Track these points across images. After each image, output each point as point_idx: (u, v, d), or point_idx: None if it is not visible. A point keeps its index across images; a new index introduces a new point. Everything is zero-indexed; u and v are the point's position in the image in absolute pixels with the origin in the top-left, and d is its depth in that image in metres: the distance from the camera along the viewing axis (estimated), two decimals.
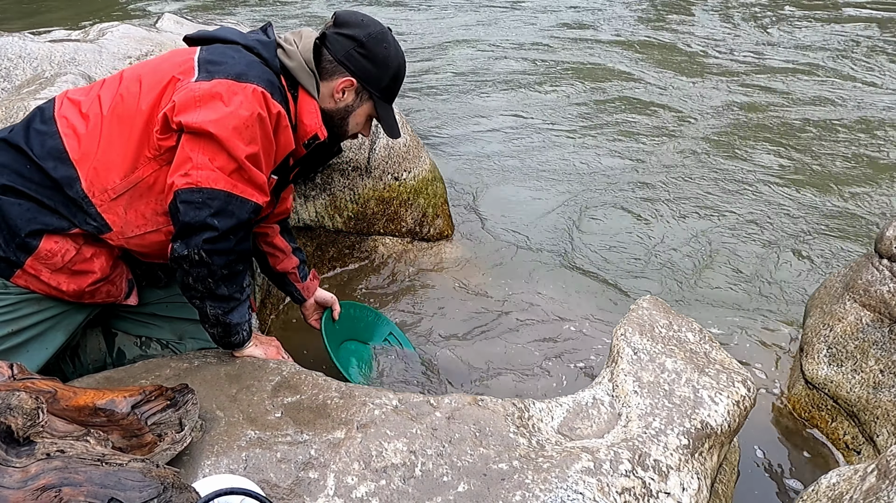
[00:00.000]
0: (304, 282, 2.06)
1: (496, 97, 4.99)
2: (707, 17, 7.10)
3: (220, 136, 1.44)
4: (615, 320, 2.57)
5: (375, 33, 1.69)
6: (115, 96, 1.55)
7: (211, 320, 1.61)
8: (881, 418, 2.00)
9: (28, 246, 1.51)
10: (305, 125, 1.65)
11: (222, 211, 1.47)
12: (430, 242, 3.04)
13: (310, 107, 1.66)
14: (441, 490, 1.27)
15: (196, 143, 1.45)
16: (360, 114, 1.77)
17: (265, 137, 1.53)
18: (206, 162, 1.45)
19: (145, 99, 1.52)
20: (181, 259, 1.49)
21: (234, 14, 7.09)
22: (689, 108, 4.82)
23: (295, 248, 2.03)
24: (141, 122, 1.51)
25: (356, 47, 1.67)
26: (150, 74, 1.56)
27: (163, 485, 1.01)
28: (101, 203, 1.53)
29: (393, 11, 7.26)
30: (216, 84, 1.47)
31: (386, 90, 1.75)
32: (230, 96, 1.46)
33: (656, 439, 1.40)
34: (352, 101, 1.73)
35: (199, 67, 1.52)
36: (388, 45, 1.72)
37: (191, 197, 1.45)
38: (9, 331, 1.57)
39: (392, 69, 1.73)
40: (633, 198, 3.62)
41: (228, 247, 1.50)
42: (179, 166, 1.47)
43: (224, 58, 1.54)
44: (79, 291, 1.60)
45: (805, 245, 3.22)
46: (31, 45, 2.74)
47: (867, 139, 4.32)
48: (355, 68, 1.68)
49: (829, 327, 2.19)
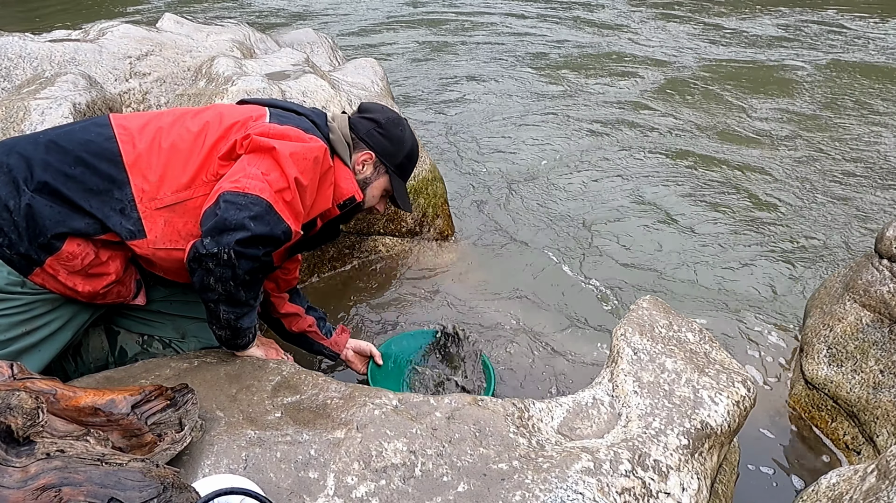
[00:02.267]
0: (329, 338, 2.10)
1: (497, 98, 4.99)
2: (707, 18, 7.10)
3: (280, 152, 1.56)
4: (615, 320, 2.58)
5: (393, 118, 1.93)
6: (184, 122, 1.67)
7: (222, 323, 1.63)
8: (881, 418, 2.00)
9: (51, 246, 1.54)
10: (342, 188, 1.79)
11: (260, 217, 1.51)
12: (430, 242, 3.04)
13: (345, 173, 1.81)
14: (441, 490, 1.27)
15: (255, 157, 1.56)
16: (377, 187, 1.93)
17: (314, 178, 1.66)
18: (258, 174, 1.54)
19: (214, 128, 1.65)
20: (208, 257, 1.50)
21: (231, 14, 7.09)
22: (689, 108, 4.82)
23: (308, 307, 2.09)
24: (207, 148, 1.62)
25: (376, 127, 1.89)
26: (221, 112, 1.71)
27: (163, 485, 1.01)
28: (145, 209, 1.58)
29: (398, 8, 7.26)
30: (288, 129, 1.65)
31: (401, 167, 1.94)
32: (299, 138, 1.64)
33: (656, 439, 1.40)
34: (370, 174, 1.90)
35: (271, 116, 1.70)
36: (404, 129, 1.93)
37: (235, 198, 1.50)
38: (23, 331, 1.60)
39: (406, 148, 1.93)
40: (634, 198, 3.62)
41: (256, 254, 1.52)
42: (231, 175, 1.55)
43: (292, 117, 1.74)
44: (93, 293, 1.63)
45: (805, 245, 3.22)
46: (31, 45, 2.74)
47: (867, 139, 4.32)
48: (375, 144, 1.88)
49: (829, 327, 2.19)
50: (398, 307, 2.68)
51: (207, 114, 1.70)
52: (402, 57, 5.97)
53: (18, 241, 1.53)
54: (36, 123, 2.15)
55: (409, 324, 2.58)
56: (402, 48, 6.22)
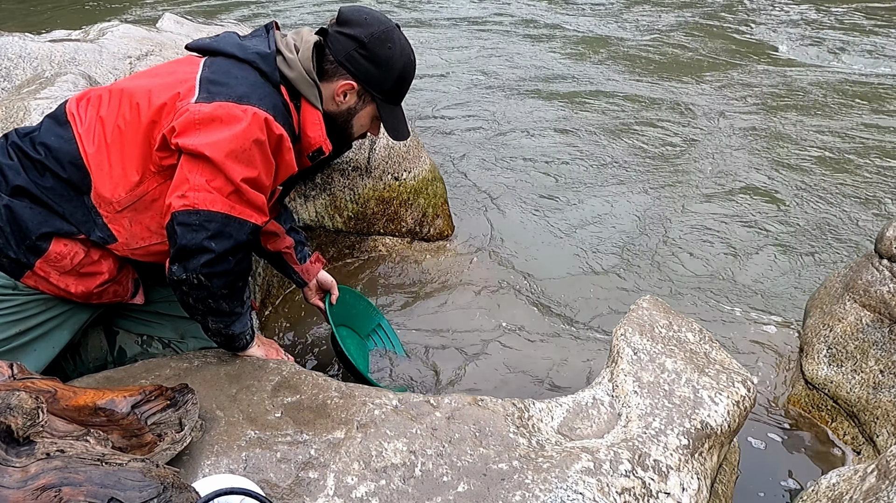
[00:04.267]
0: (302, 264, 1.99)
1: (498, 99, 4.99)
2: (707, 21, 7.10)
3: (215, 159, 1.42)
4: (615, 320, 2.57)
5: (378, 33, 1.61)
6: (121, 108, 1.53)
7: (213, 332, 1.62)
8: (881, 418, 2.00)
9: (38, 248, 1.52)
10: (310, 137, 1.62)
11: (220, 233, 1.45)
12: (430, 242, 3.04)
13: (313, 118, 1.61)
14: (441, 490, 1.27)
15: (194, 164, 1.44)
16: (364, 116, 1.72)
17: (265, 161, 1.49)
18: (203, 183, 1.43)
19: (145, 114, 1.50)
20: (179, 282, 1.48)
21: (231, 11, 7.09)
22: (689, 108, 4.82)
23: (290, 229, 1.96)
24: (141, 139, 1.50)
25: (357, 48, 1.60)
26: (154, 88, 1.53)
27: (163, 485, 1.01)
28: (107, 214, 1.54)
29: (396, 10, 7.26)
30: (216, 107, 1.44)
31: (390, 92, 1.68)
32: (230, 120, 1.44)
33: (656, 439, 1.40)
34: (354, 104, 1.68)
35: (200, 87, 1.48)
36: (393, 45, 1.63)
37: (188, 219, 1.43)
38: (17, 331, 1.59)
39: (396, 70, 1.65)
40: (635, 199, 3.62)
41: (227, 268, 1.49)
42: (177, 187, 1.45)
43: (227, 77, 1.50)
44: (87, 293, 1.61)
45: (805, 245, 3.22)
46: (31, 45, 2.74)
47: (867, 139, 4.32)
48: (356, 70, 1.62)
49: (829, 327, 2.19)
50: (398, 307, 2.68)
51: (139, 90, 1.53)
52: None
53: (6, 245, 1.51)
54: (35, 123, 2.14)
55: (408, 323, 2.58)
56: None
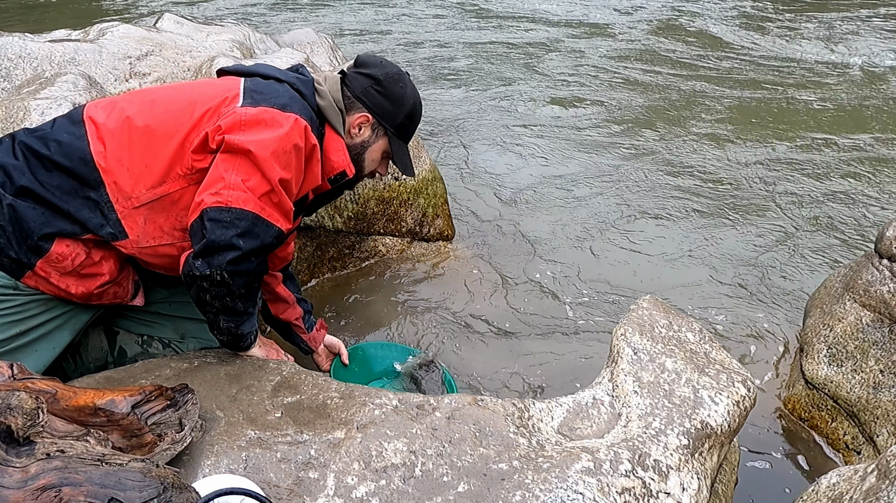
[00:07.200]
0: (309, 332, 2.03)
1: (498, 99, 4.99)
2: (706, 21, 7.10)
3: (259, 156, 1.48)
4: (615, 320, 2.58)
5: (392, 74, 1.77)
6: (154, 110, 1.57)
7: (222, 330, 1.63)
8: (881, 418, 2.00)
9: (40, 249, 1.53)
10: (332, 161, 1.70)
11: (248, 232, 1.49)
12: (430, 242, 3.04)
13: (337, 144, 1.71)
14: (441, 490, 1.27)
15: (232, 161, 1.49)
16: (376, 150, 1.81)
17: (298, 167, 1.57)
18: (238, 182, 1.48)
19: (185, 117, 1.55)
20: (201, 278, 1.50)
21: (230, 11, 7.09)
22: (688, 109, 4.82)
23: (299, 299, 2.01)
24: (178, 140, 1.54)
25: (373, 85, 1.74)
26: (193, 96, 1.60)
27: (163, 485, 1.01)
28: (122, 209, 1.56)
29: (397, 10, 7.26)
30: (262, 111, 1.52)
31: (401, 127, 1.79)
32: (274, 123, 1.52)
33: (656, 439, 1.40)
34: (368, 137, 1.78)
35: (244, 95, 1.57)
36: (405, 86, 1.78)
37: (219, 215, 1.47)
38: (18, 331, 1.59)
39: (407, 107, 1.78)
40: (635, 199, 3.62)
41: (249, 268, 1.52)
42: (211, 184, 1.49)
43: (269, 89, 1.60)
44: (87, 294, 1.62)
45: (805, 245, 3.22)
46: (31, 45, 2.74)
47: (867, 139, 4.32)
48: (372, 104, 1.74)
49: (829, 327, 2.19)
50: (397, 307, 2.68)
51: (179, 98, 1.61)
52: (401, 57, 5.97)
53: (7, 245, 1.52)
54: (35, 124, 2.14)
55: (408, 323, 2.58)
56: (403, 48, 6.22)
